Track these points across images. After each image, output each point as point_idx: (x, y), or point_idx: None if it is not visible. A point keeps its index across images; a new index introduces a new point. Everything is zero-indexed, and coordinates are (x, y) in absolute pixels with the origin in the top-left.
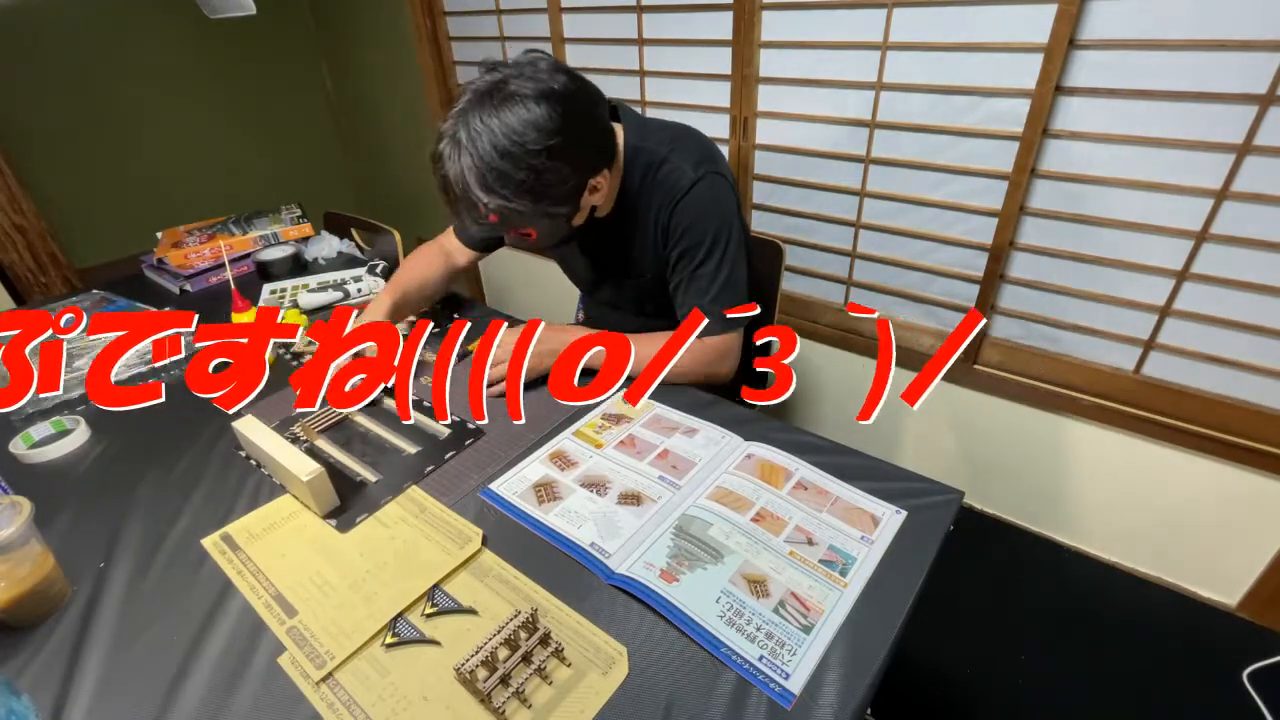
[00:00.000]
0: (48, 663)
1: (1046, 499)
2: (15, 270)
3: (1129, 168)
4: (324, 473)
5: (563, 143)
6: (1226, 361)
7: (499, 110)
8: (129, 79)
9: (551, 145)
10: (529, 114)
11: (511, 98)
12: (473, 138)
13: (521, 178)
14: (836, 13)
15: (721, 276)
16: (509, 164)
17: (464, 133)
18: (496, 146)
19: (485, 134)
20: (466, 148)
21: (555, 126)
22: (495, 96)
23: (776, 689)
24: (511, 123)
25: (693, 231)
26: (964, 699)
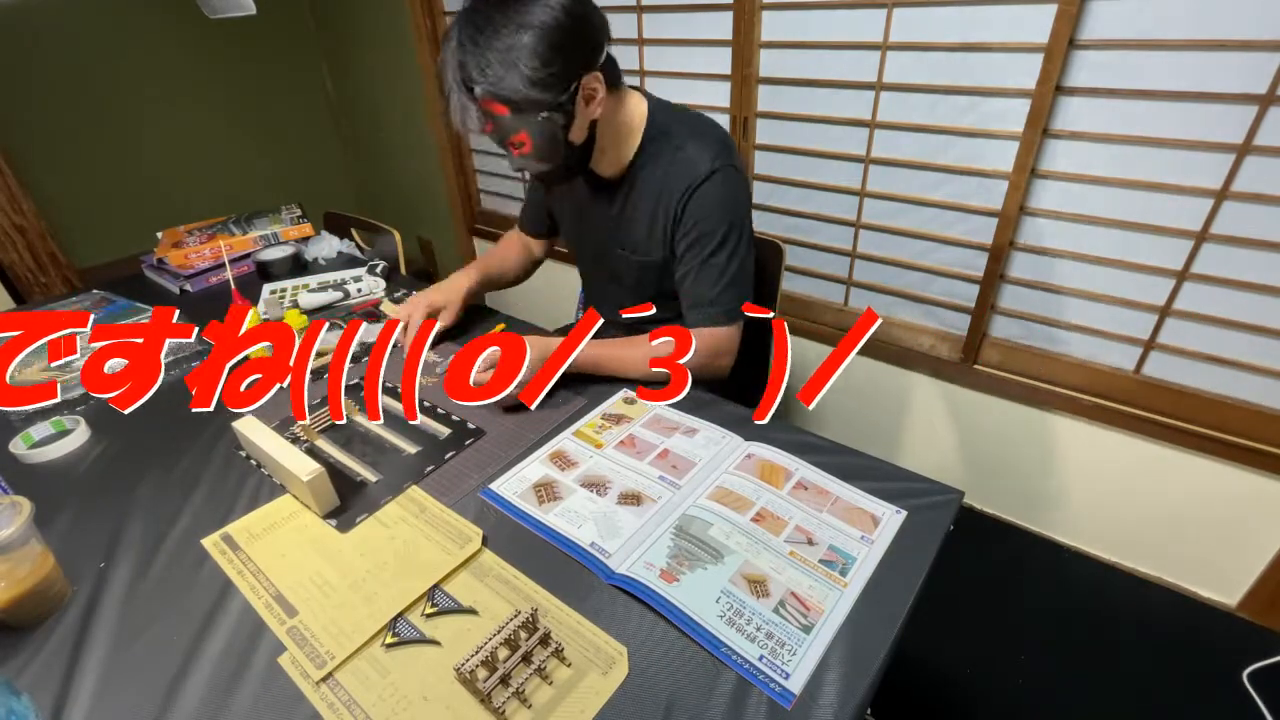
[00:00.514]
0: (48, 663)
1: (1047, 499)
2: (15, 270)
3: (1129, 168)
4: (324, 473)
5: (549, 21)
6: (1226, 361)
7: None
8: (129, 79)
9: (536, 20)
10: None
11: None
12: (468, 31)
13: (498, 57)
14: (836, 13)
15: (731, 269)
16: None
17: (458, 31)
18: (484, 30)
19: (481, 25)
20: (460, 38)
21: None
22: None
23: (776, 689)
24: (508, 11)
25: (706, 222)
26: (964, 699)
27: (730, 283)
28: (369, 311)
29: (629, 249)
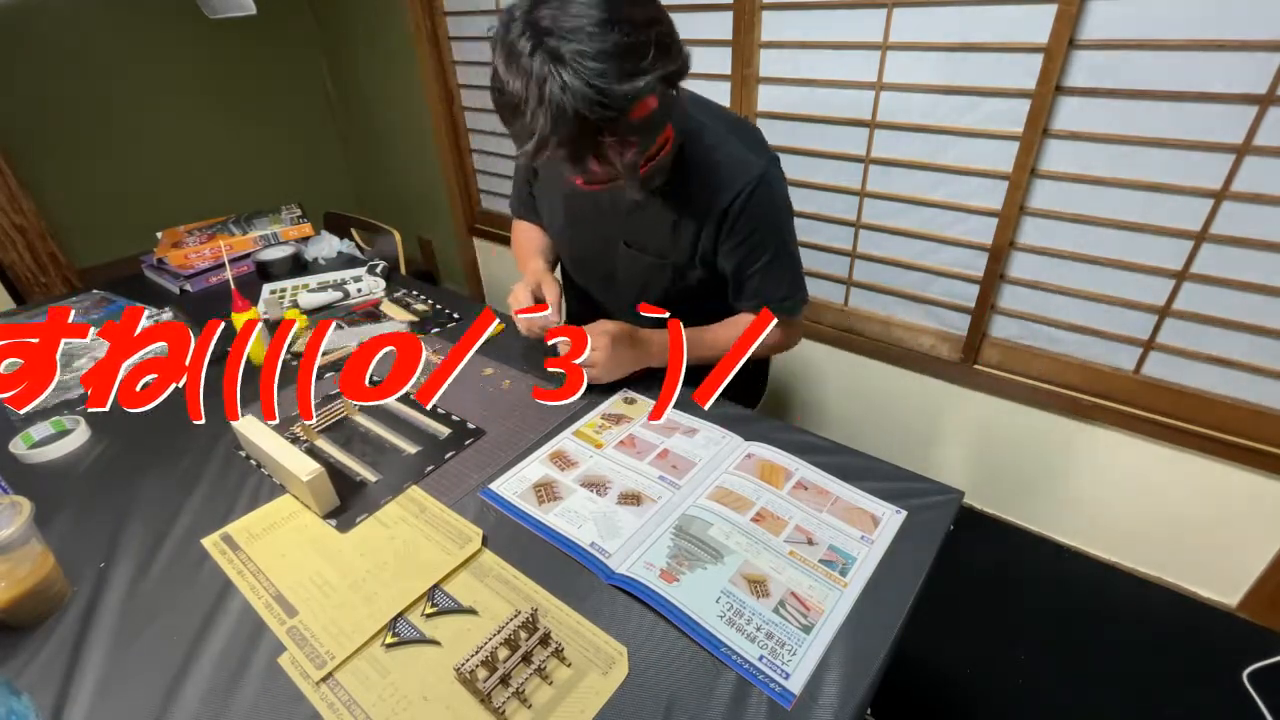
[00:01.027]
0: (48, 663)
1: (1046, 499)
2: (15, 270)
3: (1129, 168)
4: (324, 473)
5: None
6: (1226, 361)
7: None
8: (129, 79)
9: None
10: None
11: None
12: (563, 32)
13: (647, 35)
14: (836, 13)
15: (796, 265)
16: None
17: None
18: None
19: (575, 17)
20: (570, 48)
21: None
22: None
23: (776, 689)
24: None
25: (767, 225)
26: (964, 699)
27: (796, 278)
28: (369, 312)
29: (639, 247)
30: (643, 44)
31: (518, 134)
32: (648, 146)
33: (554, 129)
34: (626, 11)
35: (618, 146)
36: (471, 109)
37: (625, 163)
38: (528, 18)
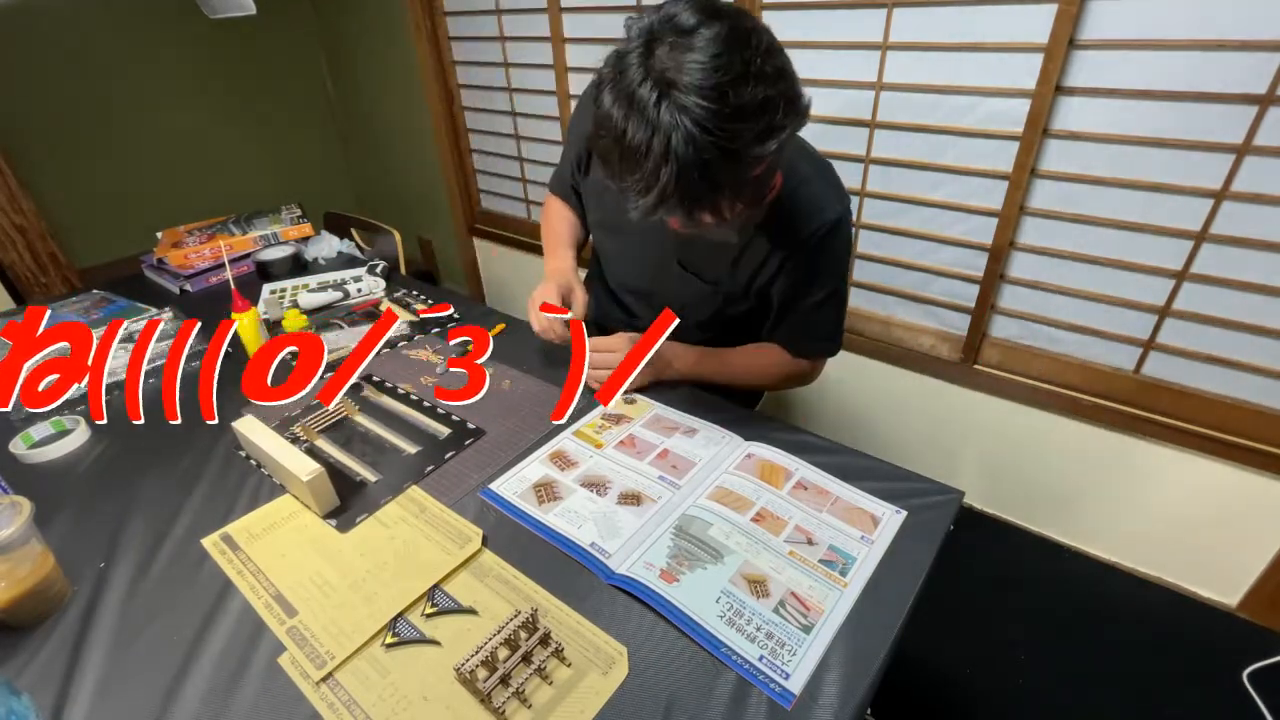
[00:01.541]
0: (48, 663)
1: (1046, 499)
2: (15, 270)
3: (1129, 168)
4: (324, 473)
5: (770, 37)
6: (1226, 361)
7: (692, 42)
8: (130, 79)
9: (767, 41)
10: (728, 24)
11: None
12: (689, 86)
13: (778, 89)
14: (836, 13)
15: (840, 314)
16: (759, 84)
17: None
18: (730, 73)
19: (695, 68)
20: (695, 100)
21: (749, 24)
22: (663, 35)
23: (776, 689)
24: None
25: (828, 271)
26: (964, 699)
27: (838, 323)
28: (368, 312)
29: (694, 270)
30: (773, 100)
31: (630, 185)
32: (760, 197)
33: (677, 185)
34: (757, 64)
35: (732, 201)
36: (471, 109)
37: (736, 216)
38: (646, 62)
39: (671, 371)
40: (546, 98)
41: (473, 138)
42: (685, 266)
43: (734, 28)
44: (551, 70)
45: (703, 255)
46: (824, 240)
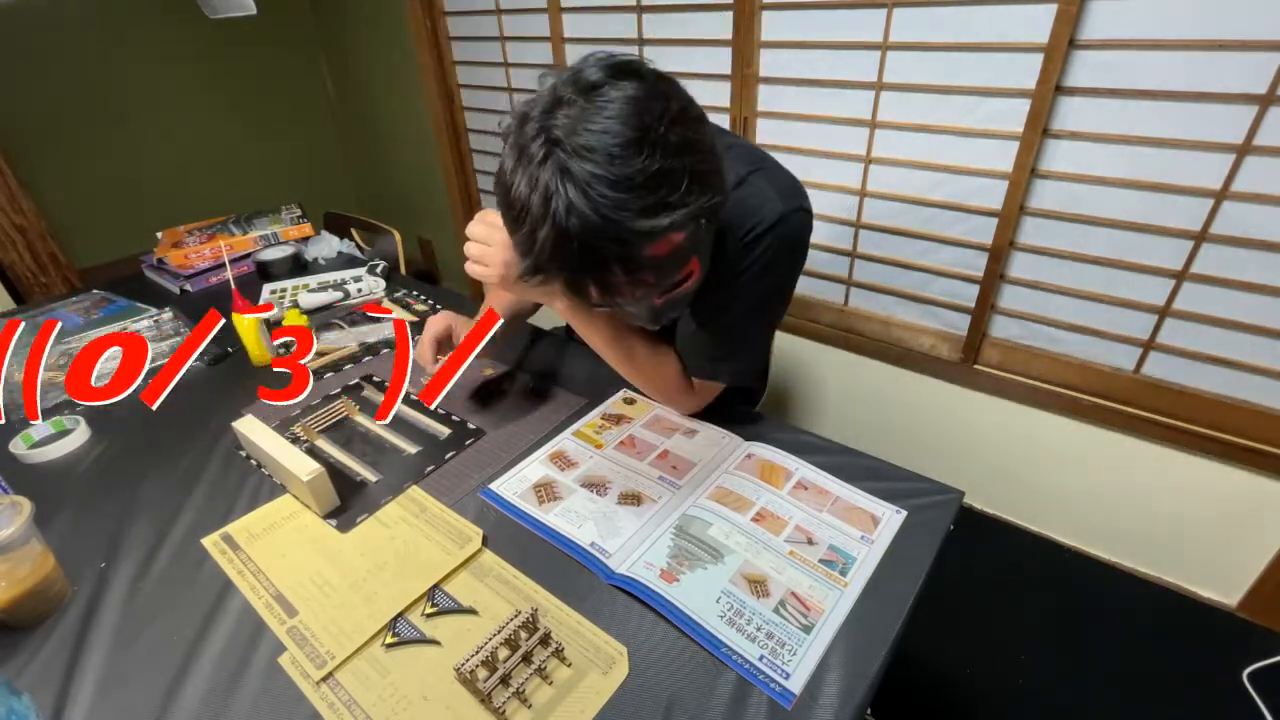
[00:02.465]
0: (48, 663)
1: (1046, 499)
2: (15, 270)
3: (1129, 168)
4: (324, 473)
5: (683, 97)
6: (1226, 361)
7: (589, 99)
8: (129, 79)
9: (679, 108)
10: (630, 90)
11: (590, 87)
12: (579, 148)
13: (680, 163)
14: (836, 13)
15: (757, 339)
16: (656, 153)
17: (553, 146)
18: (624, 145)
19: (597, 133)
20: (584, 167)
21: (664, 87)
22: (566, 93)
23: (777, 689)
24: (618, 111)
25: (752, 277)
26: (964, 699)
27: (749, 351)
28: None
29: None
30: (674, 172)
31: (516, 244)
32: (664, 282)
33: (553, 254)
34: (659, 132)
35: (627, 280)
36: (471, 109)
37: (635, 299)
38: (544, 120)
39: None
40: None
41: (473, 138)
42: None
43: (645, 91)
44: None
45: None
46: (753, 243)
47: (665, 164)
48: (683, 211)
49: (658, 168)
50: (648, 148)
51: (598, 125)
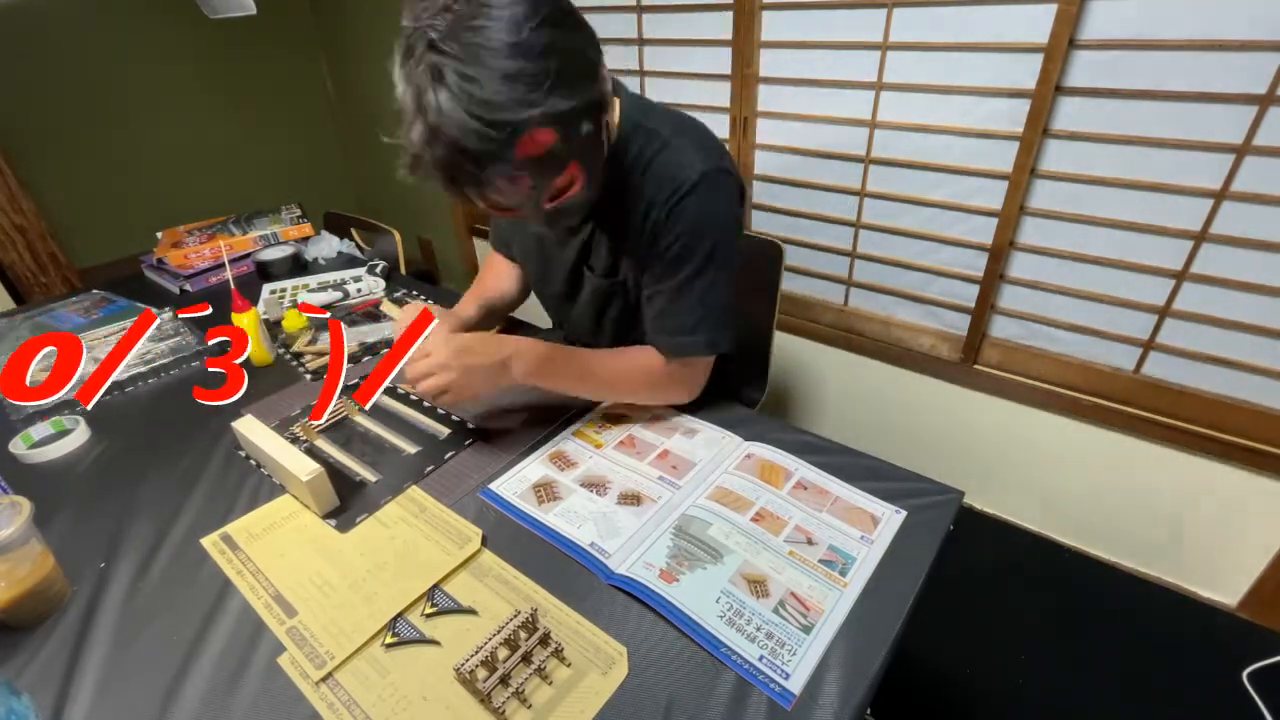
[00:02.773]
0: (48, 663)
1: (1046, 499)
2: (15, 270)
3: (1129, 168)
4: (323, 473)
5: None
6: (1226, 362)
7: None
8: (129, 79)
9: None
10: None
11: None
12: (454, 52)
13: (543, 65)
14: (836, 13)
15: (719, 292)
16: (524, 56)
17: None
18: (494, 41)
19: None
20: (455, 65)
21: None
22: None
23: (776, 689)
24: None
25: (690, 236)
26: (964, 699)
27: (711, 311)
28: (368, 312)
29: (596, 268)
30: (537, 73)
31: (402, 139)
32: (542, 185)
33: (427, 149)
34: (530, 37)
35: (504, 181)
36: None
37: (518, 199)
38: (427, 21)
39: (508, 376)
40: None
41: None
42: (590, 267)
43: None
44: None
45: (600, 252)
46: (679, 205)
47: (530, 64)
48: (542, 109)
49: (520, 67)
50: (514, 50)
51: (474, 28)
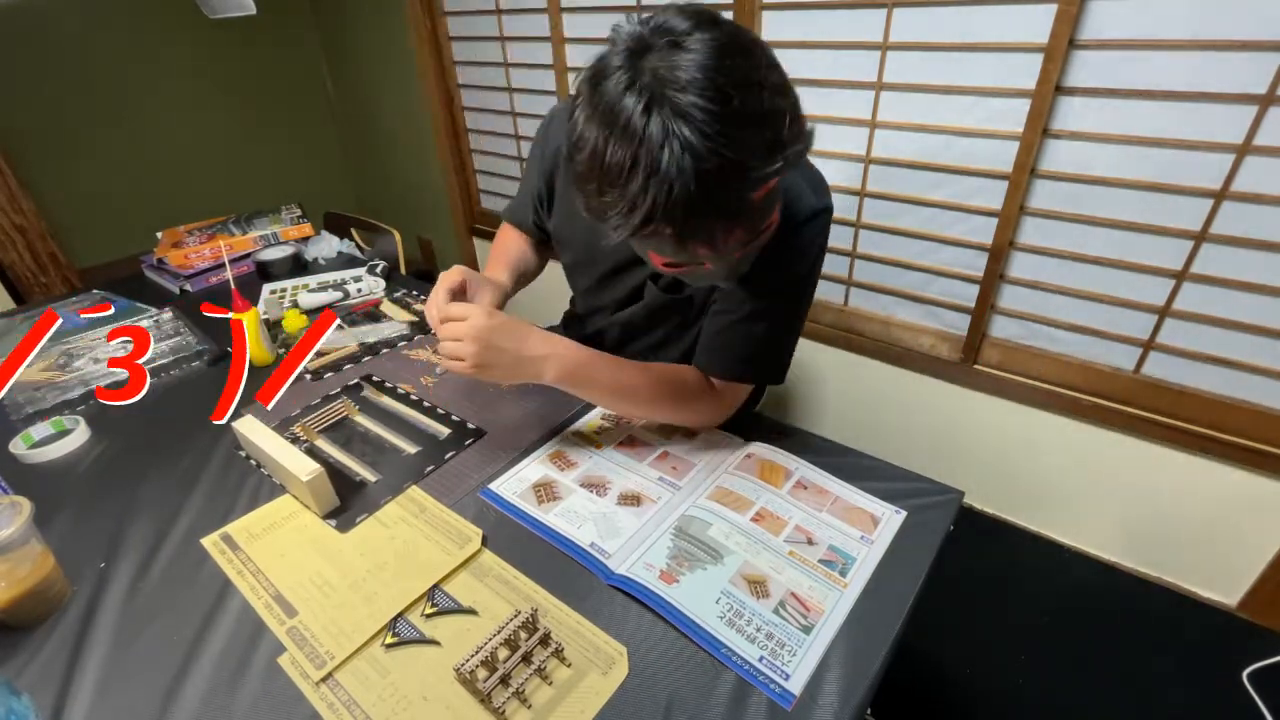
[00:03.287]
0: (48, 663)
1: (1047, 499)
2: (15, 270)
3: (1129, 168)
4: (324, 473)
5: (768, 50)
6: (1226, 362)
7: (677, 42)
8: (129, 79)
9: (764, 53)
10: (717, 33)
11: (676, 33)
12: (680, 82)
13: (783, 102)
14: (836, 13)
15: (785, 335)
16: (765, 91)
17: (655, 89)
18: (732, 74)
19: (693, 67)
20: (683, 95)
21: (747, 35)
22: (654, 42)
23: (776, 689)
24: (711, 43)
25: (787, 270)
26: (964, 699)
27: (777, 347)
28: (368, 312)
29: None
30: (779, 112)
31: (612, 203)
32: (758, 230)
33: (669, 200)
34: (760, 72)
35: (730, 229)
36: (471, 109)
37: (729, 247)
38: (634, 66)
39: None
40: (546, 98)
41: (472, 138)
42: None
43: (734, 36)
44: (551, 70)
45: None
46: (789, 231)
47: (773, 103)
48: (793, 149)
49: (768, 106)
50: (755, 87)
51: (703, 64)
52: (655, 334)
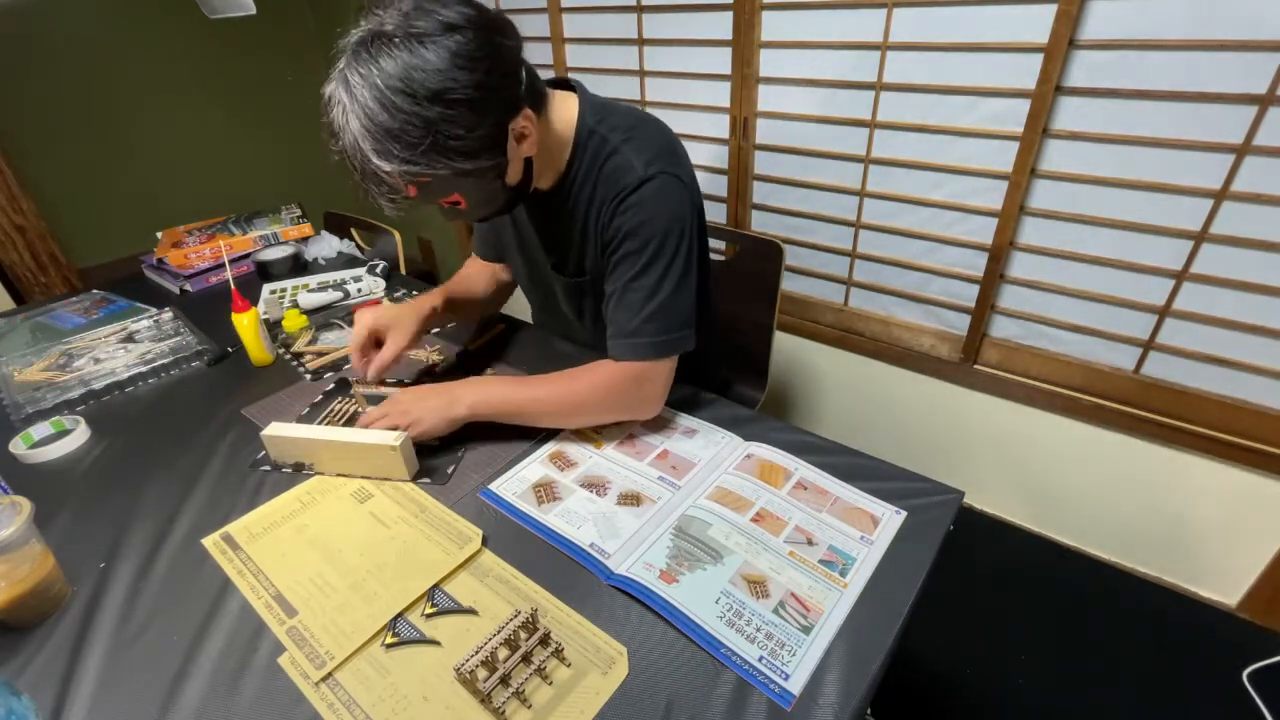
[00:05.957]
0: (48, 663)
1: (1046, 499)
2: (15, 270)
3: (1129, 168)
4: (409, 437)
5: (459, 82)
6: (1226, 361)
7: (376, 58)
8: (129, 79)
9: (443, 89)
10: (410, 57)
11: (388, 41)
12: (355, 96)
13: (416, 135)
14: (836, 13)
15: (662, 293)
16: (398, 119)
17: (345, 92)
18: (380, 101)
19: (366, 89)
20: (352, 109)
21: (442, 65)
22: (371, 45)
23: (776, 690)
24: (390, 70)
25: (634, 237)
26: (964, 699)
27: (659, 309)
28: None
29: (559, 267)
30: (410, 137)
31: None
32: (431, 198)
33: (334, 140)
34: (420, 100)
35: (388, 193)
36: None
37: (414, 197)
38: (356, 47)
39: (460, 409)
40: None
41: None
42: (554, 266)
43: (447, 57)
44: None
45: (560, 251)
46: (619, 208)
47: (406, 127)
48: (413, 168)
49: (399, 127)
50: (401, 112)
51: (382, 71)
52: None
